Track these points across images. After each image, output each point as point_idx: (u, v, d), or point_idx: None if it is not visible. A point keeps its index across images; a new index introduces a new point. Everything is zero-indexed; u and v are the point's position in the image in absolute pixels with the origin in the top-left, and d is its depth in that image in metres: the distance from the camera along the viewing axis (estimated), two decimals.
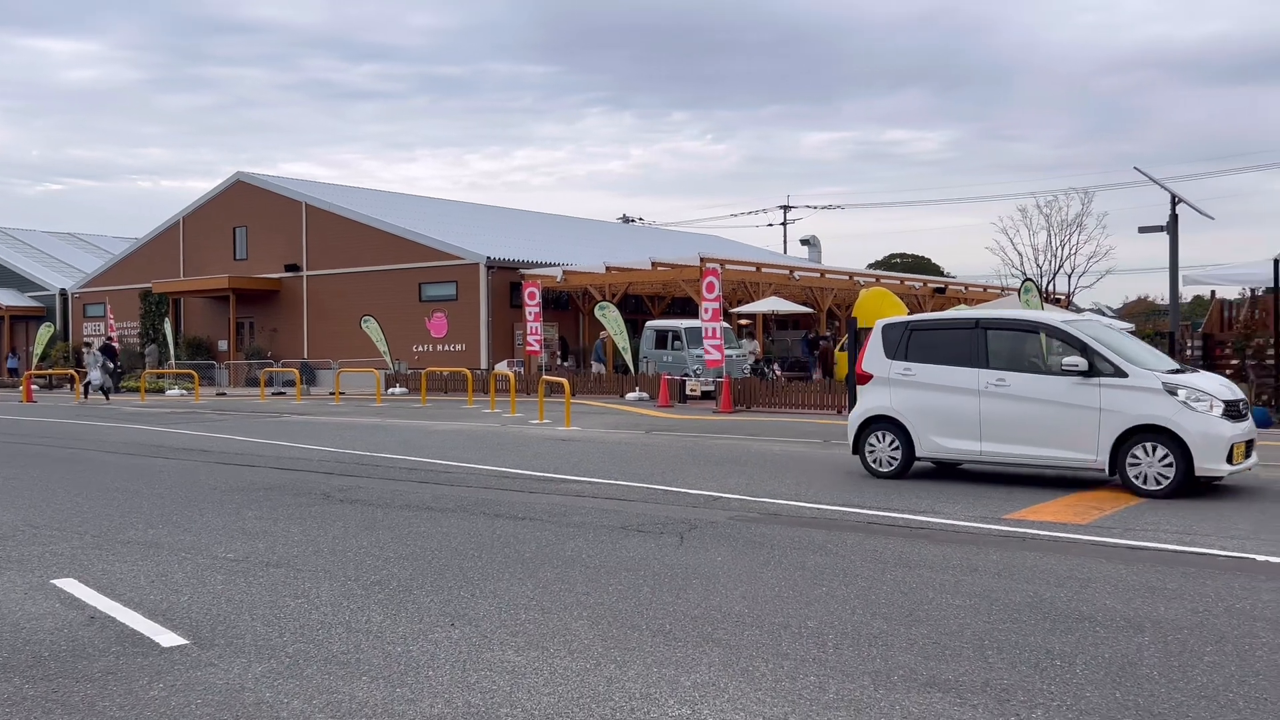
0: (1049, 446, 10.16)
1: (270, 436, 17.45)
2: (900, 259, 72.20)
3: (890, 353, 11.33)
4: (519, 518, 8.88)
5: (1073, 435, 10.00)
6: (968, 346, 10.74)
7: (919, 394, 10.99)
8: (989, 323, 10.82)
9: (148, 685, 4.63)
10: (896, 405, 11.12)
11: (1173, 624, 5.43)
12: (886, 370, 11.31)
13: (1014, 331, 10.76)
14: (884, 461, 11.17)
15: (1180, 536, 7.81)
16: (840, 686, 4.51)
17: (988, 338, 10.66)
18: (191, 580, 6.67)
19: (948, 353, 10.89)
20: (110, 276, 47.69)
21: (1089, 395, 9.93)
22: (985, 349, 10.62)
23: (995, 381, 10.46)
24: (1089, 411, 9.91)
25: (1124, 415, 9.75)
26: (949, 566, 6.82)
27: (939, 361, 10.90)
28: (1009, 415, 10.36)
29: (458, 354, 35.62)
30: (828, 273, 37.96)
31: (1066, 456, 10.07)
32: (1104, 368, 9.89)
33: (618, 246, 44.95)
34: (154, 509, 9.62)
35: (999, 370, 10.48)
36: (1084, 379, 9.94)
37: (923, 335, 11.21)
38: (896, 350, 11.28)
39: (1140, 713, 4.17)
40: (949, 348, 10.90)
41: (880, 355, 11.43)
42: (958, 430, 10.69)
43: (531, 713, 4.23)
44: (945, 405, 10.77)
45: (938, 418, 10.82)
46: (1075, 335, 10.18)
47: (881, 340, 11.47)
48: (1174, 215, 19.90)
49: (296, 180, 45.17)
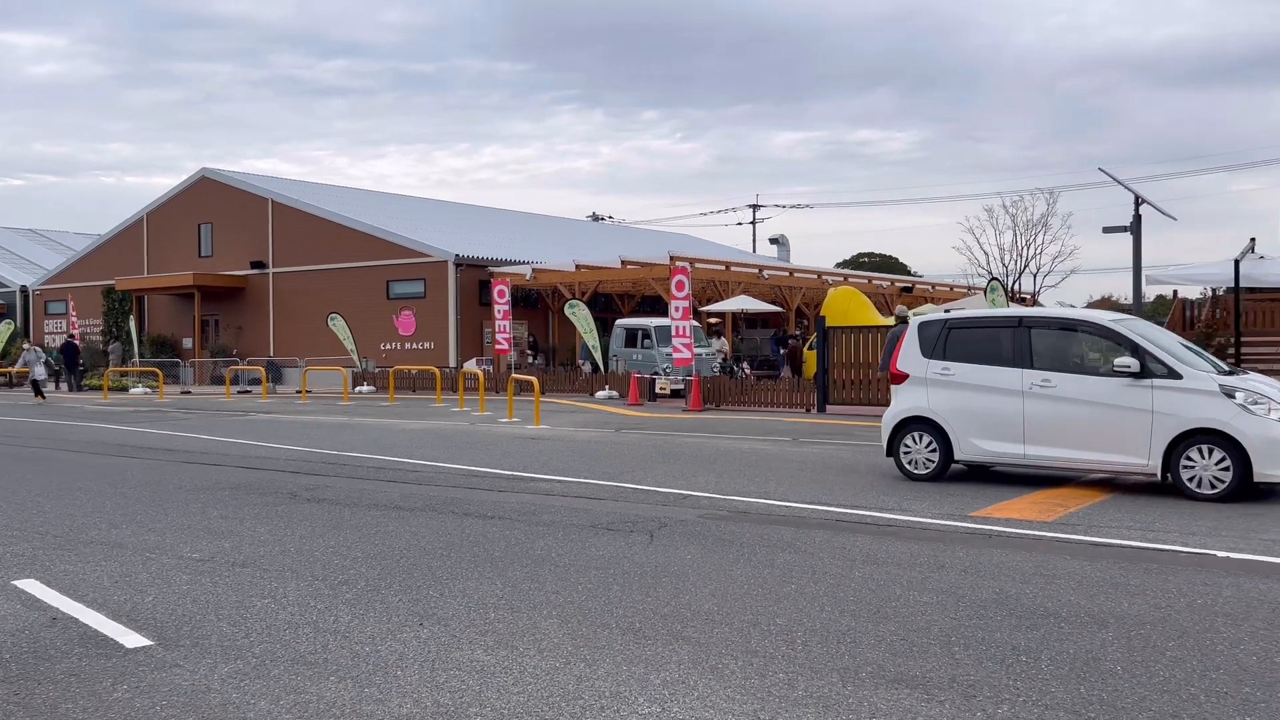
0: (1097, 450, 9.82)
1: (236, 435, 17.30)
2: (868, 258, 72.60)
3: (927, 351, 10.93)
4: (488, 516, 8.85)
5: (1123, 438, 9.66)
6: (1010, 346, 10.38)
7: (958, 394, 10.61)
8: (1033, 321, 10.52)
9: (111, 687, 4.58)
10: (934, 406, 10.73)
11: (1136, 619, 5.50)
12: (923, 370, 10.91)
13: (1059, 330, 10.45)
14: (920, 463, 10.79)
15: (1143, 534, 7.91)
16: (809, 683, 4.53)
17: (1031, 336, 10.30)
18: (156, 580, 6.60)
19: (989, 352, 10.52)
20: (73, 273, 47.10)
21: (1140, 397, 9.58)
22: (1029, 348, 10.26)
23: (1040, 382, 10.09)
24: (1140, 414, 9.56)
25: (1178, 418, 9.40)
26: (916, 563, 6.87)
27: (979, 361, 10.54)
28: (1055, 417, 10.01)
29: (426, 352, 35.47)
30: (796, 272, 38.13)
31: (1115, 460, 9.75)
32: (1156, 369, 9.55)
33: (587, 245, 44.92)
34: (118, 509, 9.51)
35: (1043, 370, 10.12)
36: (1135, 380, 9.59)
37: (962, 334, 10.83)
38: (933, 349, 10.88)
39: (1104, 707, 4.22)
40: (990, 347, 10.54)
41: (916, 354, 11.03)
42: (1000, 432, 10.33)
43: (501, 712, 4.22)
44: (987, 406, 10.40)
45: (978, 419, 10.45)
46: (1126, 335, 9.82)
47: (917, 338, 11.07)
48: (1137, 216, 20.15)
49: (263, 177, 44.80)
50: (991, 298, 20.25)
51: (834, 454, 13.59)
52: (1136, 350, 9.69)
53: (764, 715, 4.16)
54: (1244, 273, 19.26)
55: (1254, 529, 8.05)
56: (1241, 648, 5.00)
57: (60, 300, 45.77)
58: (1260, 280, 20.50)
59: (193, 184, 42.89)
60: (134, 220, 44.90)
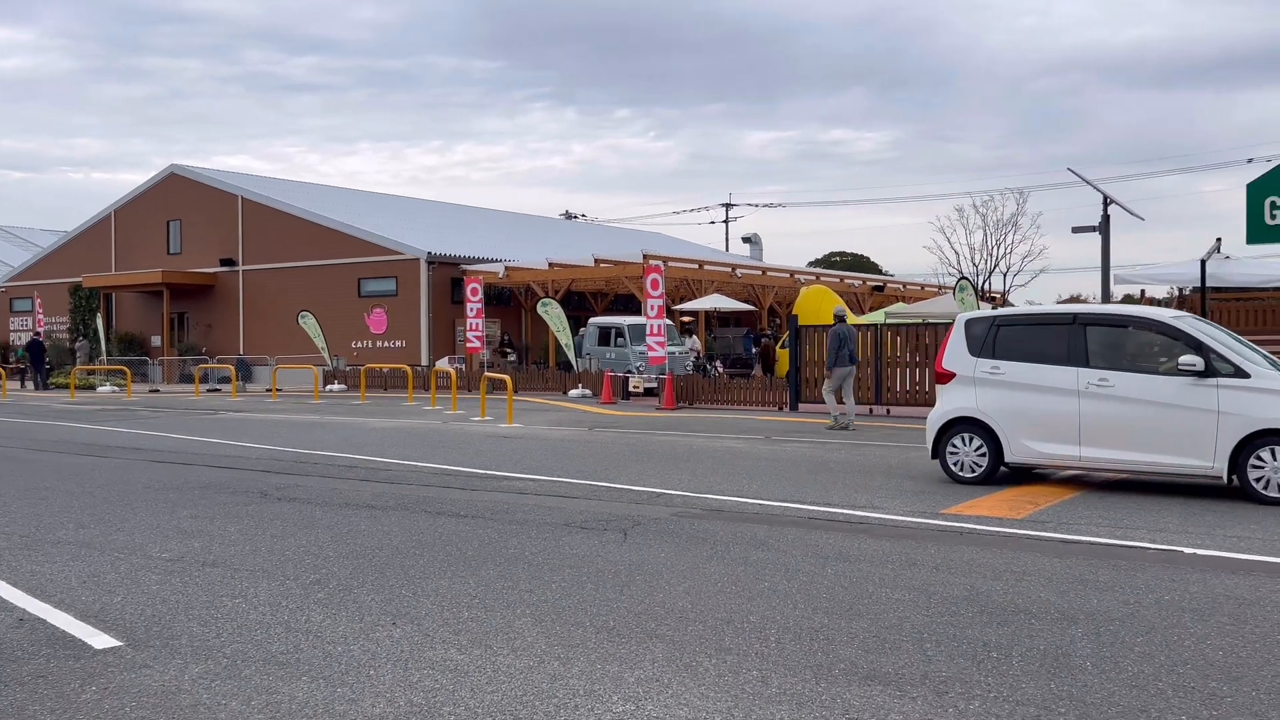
0: (1158, 452, 9.50)
1: (206, 434, 17.15)
2: (840, 257, 72.93)
3: (975, 349, 10.57)
4: (461, 515, 8.83)
5: (1186, 440, 9.33)
6: (1065, 343, 10.02)
7: (1009, 394, 10.25)
8: (1088, 318, 10.17)
9: (80, 688, 4.53)
10: (983, 406, 10.37)
11: (1105, 616, 5.56)
12: (971, 368, 10.55)
13: (1116, 327, 10.13)
14: (968, 466, 10.42)
15: (1112, 530, 7.99)
16: (782, 680, 4.55)
17: (1087, 334, 9.96)
18: (125, 581, 6.53)
19: (1041, 350, 10.16)
20: (39, 270, 46.54)
21: (1205, 397, 9.26)
22: (1084, 346, 9.91)
23: (1097, 381, 9.74)
24: (1205, 414, 9.24)
25: (1247, 419, 9.09)
26: (888, 561, 6.91)
27: (1031, 359, 10.18)
28: (1113, 418, 9.67)
29: (398, 350, 35.31)
30: (769, 270, 38.28)
31: (1178, 463, 9.45)
32: (1222, 368, 9.24)
33: (561, 243, 44.86)
34: (86, 508, 9.40)
35: (1100, 369, 9.78)
36: (1199, 379, 9.28)
37: (1012, 331, 10.48)
38: (982, 347, 10.52)
39: (1074, 702, 4.26)
40: (1043, 345, 10.18)
41: (963, 352, 10.66)
42: (1054, 434, 9.97)
43: (475, 711, 4.21)
44: (1040, 407, 10.05)
45: (1031, 420, 10.09)
46: (1188, 332, 9.49)
47: (965, 336, 10.71)
48: (1106, 216, 20.34)
49: (233, 173, 44.45)
50: (960, 297, 20.40)
51: (807, 452, 13.64)
52: (1200, 348, 9.37)
53: (738, 712, 4.18)
54: (1210, 273, 19.51)
55: (1220, 525, 8.15)
56: (1208, 643, 5.07)
57: (26, 298, 45.20)
58: (1226, 280, 20.77)
59: (162, 180, 42.48)
60: (102, 217, 44.42)
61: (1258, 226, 16.11)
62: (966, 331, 10.75)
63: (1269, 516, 8.55)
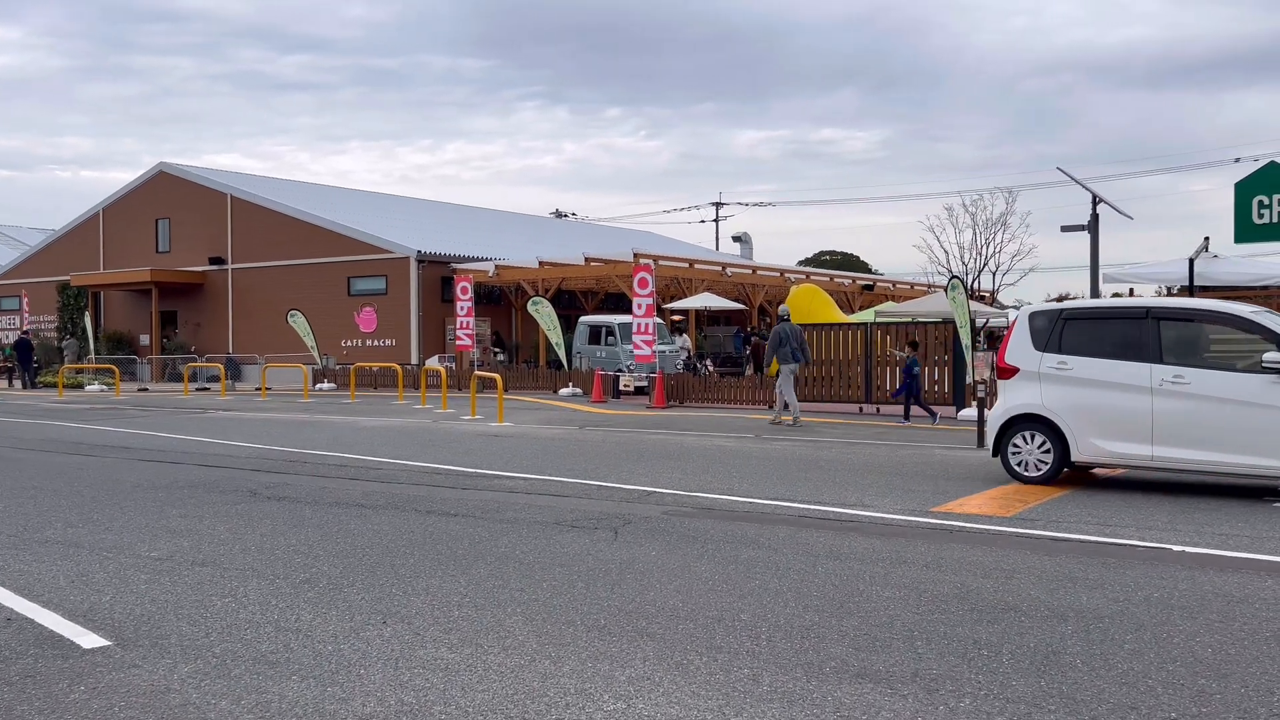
0: (1238, 452, 9.18)
1: (194, 433, 17.09)
2: (830, 256, 73.05)
3: (1039, 344, 10.23)
4: (451, 514, 8.81)
5: (1268, 440, 9.05)
6: (1136, 338, 9.68)
7: (1076, 391, 9.92)
8: (1162, 311, 9.79)
9: (68, 688, 4.51)
10: (1049, 403, 10.04)
11: (1094, 613, 5.57)
12: (1035, 364, 10.21)
13: (1191, 322, 9.82)
14: (1031, 465, 10.15)
15: (1101, 528, 8.01)
16: (774, 679, 4.55)
17: (1160, 329, 9.62)
18: (114, 580, 6.50)
19: (1111, 345, 9.83)
20: (26, 269, 46.31)
21: None
22: (1158, 341, 9.57)
23: (1171, 378, 9.41)
24: None
25: None
26: (879, 559, 6.92)
27: (1101, 355, 9.83)
28: (1189, 417, 9.35)
29: (388, 349, 35.23)
30: (759, 269, 38.30)
31: (1258, 464, 9.15)
32: None
33: (551, 242, 44.83)
34: (74, 507, 9.36)
35: (1175, 365, 9.45)
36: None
37: (1080, 325, 10.12)
38: (1047, 341, 10.18)
39: (1064, 700, 4.27)
40: (1113, 339, 9.85)
41: (1027, 346, 10.32)
42: (1125, 432, 9.64)
43: (466, 710, 4.20)
44: (1109, 404, 9.71)
45: (1100, 418, 9.76)
46: (1270, 328, 9.16)
47: (1028, 330, 10.39)
48: (1095, 215, 20.43)
49: (222, 172, 44.31)
50: (952, 295, 20.45)
51: (797, 450, 13.66)
52: None
53: (729, 711, 4.18)
54: (1198, 272, 19.56)
55: (1208, 523, 8.19)
56: (1197, 640, 5.09)
57: (13, 296, 44.96)
58: (1214, 279, 20.83)
59: (150, 179, 42.29)
60: (90, 215, 44.21)
61: (1245, 226, 16.19)
62: (1030, 325, 10.42)
63: (1256, 514, 8.59)
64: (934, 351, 20.72)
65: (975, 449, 13.62)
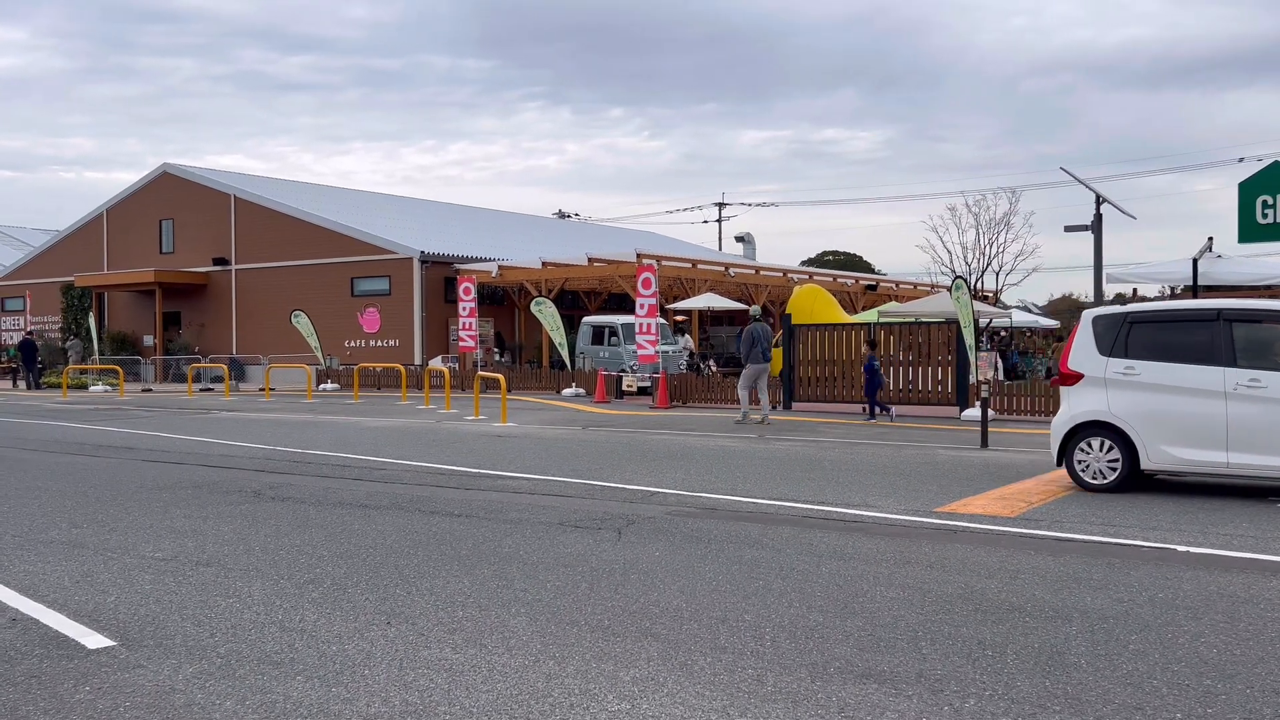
0: None
1: (198, 433, 17.11)
2: (833, 256, 73.00)
3: (1104, 349, 9.91)
4: (455, 514, 8.81)
5: None
6: (1208, 341, 9.39)
7: (1145, 396, 9.58)
8: (1234, 313, 9.45)
9: (73, 688, 4.51)
10: (1116, 410, 9.69)
11: (1099, 614, 5.57)
12: (1101, 369, 9.87)
13: (1266, 324, 9.45)
14: (1099, 473, 9.79)
15: (1105, 529, 8.00)
16: (778, 679, 4.55)
17: (1234, 331, 9.32)
18: (118, 580, 6.51)
19: (1182, 349, 9.53)
20: (30, 269, 46.38)
21: None
22: (1230, 344, 9.28)
23: (1247, 382, 9.12)
24: None
25: None
26: (883, 559, 6.91)
27: (1170, 359, 9.53)
28: (1267, 422, 9.05)
29: (391, 350, 35.24)
30: (762, 270, 38.29)
31: None
32: None
33: (554, 242, 44.83)
34: (78, 508, 9.37)
35: (1250, 369, 9.15)
36: None
37: (1147, 329, 9.81)
38: (1113, 346, 9.86)
39: (1068, 700, 4.27)
40: (1183, 343, 9.55)
41: (1091, 351, 9.99)
42: (1198, 439, 9.34)
43: (470, 710, 4.20)
44: (1181, 410, 9.40)
45: (1171, 424, 9.44)
46: None
47: (1092, 334, 10.06)
48: (1098, 215, 20.39)
49: (225, 173, 44.34)
50: (956, 295, 20.43)
51: (801, 450, 13.65)
52: None
53: (733, 711, 4.17)
54: (1202, 271, 19.52)
55: (1212, 523, 8.17)
56: (1202, 641, 5.08)
57: (18, 297, 45.02)
58: (1218, 279, 20.80)
59: (154, 179, 42.34)
60: (94, 216, 44.26)
61: (1249, 225, 16.15)
62: (1094, 328, 10.12)
63: (1261, 514, 8.58)
64: (937, 352, 20.72)
65: (979, 449, 13.61)
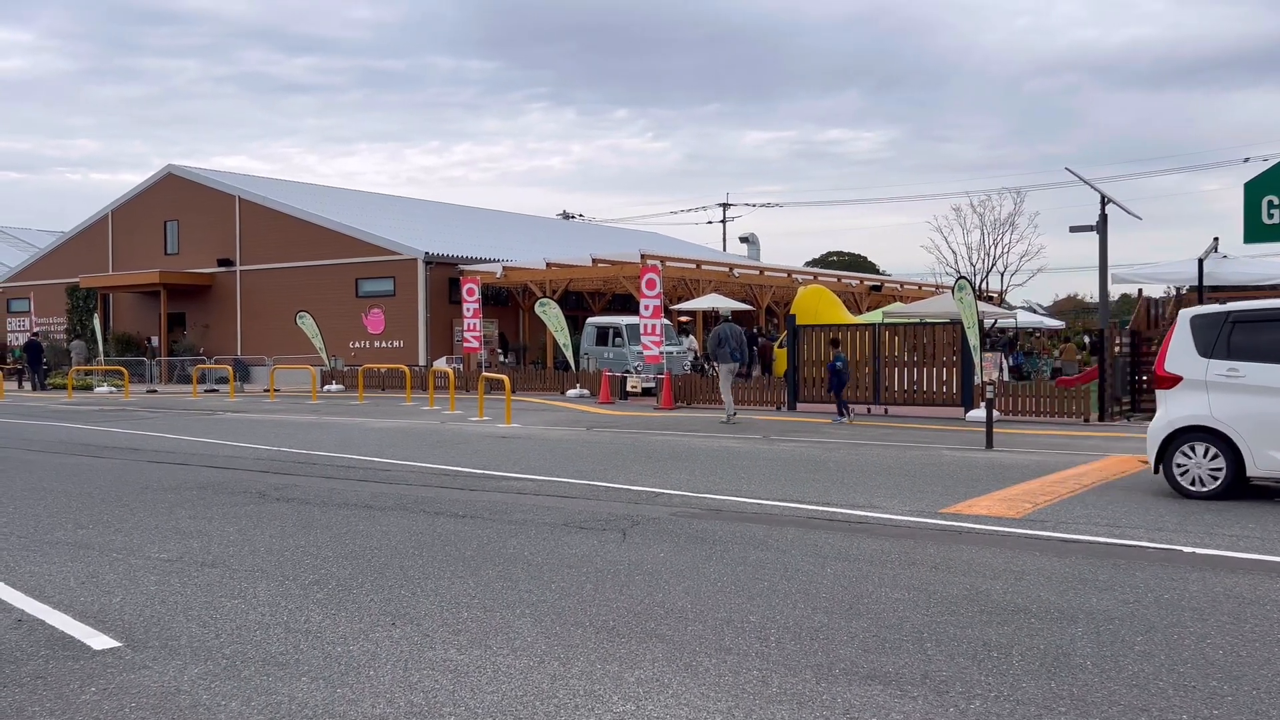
0: None
1: (203, 434, 17.13)
2: (837, 257, 72.97)
3: (1204, 350, 9.46)
4: (460, 515, 8.82)
5: None
6: None
7: (1251, 400, 9.13)
8: None
9: (79, 689, 4.52)
10: (1219, 414, 9.26)
11: (1104, 615, 5.56)
12: (1201, 371, 9.42)
13: None
14: (1201, 480, 9.35)
15: (1110, 530, 7.99)
16: (783, 680, 4.54)
17: None
18: (124, 581, 6.52)
19: None
20: (35, 271, 46.46)
21: None
22: None
23: None
24: None
25: None
26: (888, 560, 6.91)
27: (1277, 360, 9.11)
28: None
29: (395, 350, 35.26)
30: (766, 270, 38.27)
31: None
32: None
33: (558, 243, 44.84)
34: (83, 509, 9.39)
35: None
36: None
37: (1251, 328, 9.32)
38: (1214, 347, 9.42)
39: (1074, 702, 4.26)
40: None
41: (1190, 353, 9.54)
42: None
43: (475, 711, 4.20)
44: None
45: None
46: None
47: (1190, 334, 9.61)
48: (1103, 215, 20.32)
49: (230, 174, 44.39)
50: (959, 296, 20.41)
51: (805, 451, 13.64)
52: None
53: (738, 713, 4.17)
54: (1207, 271, 19.50)
55: (1218, 524, 8.16)
56: (1208, 642, 5.07)
57: (23, 298, 45.12)
58: (1223, 279, 20.77)
59: (159, 181, 42.40)
60: (99, 217, 44.34)
61: (1255, 225, 16.11)
62: (1192, 329, 9.65)
63: (1267, 515, 8.56)
64: (942, 353, 20.70)
65: (984, 450, 13.59)
